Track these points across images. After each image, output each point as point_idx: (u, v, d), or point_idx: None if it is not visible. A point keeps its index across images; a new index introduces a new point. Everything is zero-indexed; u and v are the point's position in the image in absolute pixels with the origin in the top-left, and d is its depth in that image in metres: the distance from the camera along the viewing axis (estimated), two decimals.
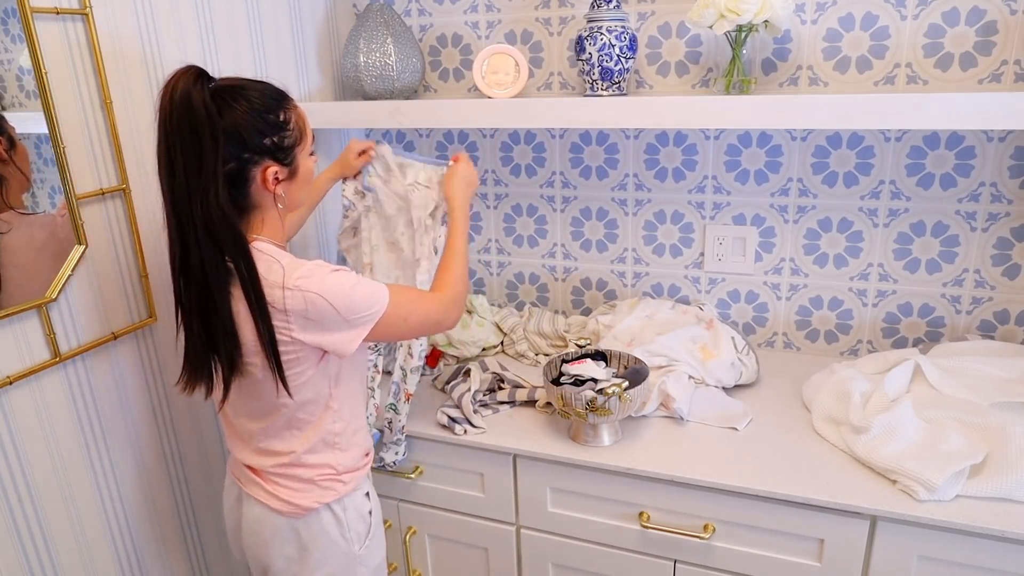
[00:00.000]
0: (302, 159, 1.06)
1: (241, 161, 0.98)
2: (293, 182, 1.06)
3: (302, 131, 1.06)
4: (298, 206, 1.12)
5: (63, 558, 1.22)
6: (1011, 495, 1.10)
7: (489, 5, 1.69)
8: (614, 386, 1.23)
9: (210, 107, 0.94)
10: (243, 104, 0.97)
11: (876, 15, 1.41)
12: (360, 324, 1.02)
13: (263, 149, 0.99)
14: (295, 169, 1.05)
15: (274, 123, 1.00)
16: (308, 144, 1.08)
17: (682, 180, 1.66)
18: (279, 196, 1.04)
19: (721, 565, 1.27)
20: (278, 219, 1.08)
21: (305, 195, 1.12)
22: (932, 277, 1.54)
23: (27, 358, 1.14)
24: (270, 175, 1.01)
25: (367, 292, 1.03)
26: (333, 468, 1.12)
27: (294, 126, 1.04)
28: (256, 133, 0.98)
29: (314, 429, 1.10)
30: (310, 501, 1.10)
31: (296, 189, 1.08)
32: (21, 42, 1.08)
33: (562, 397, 1.28)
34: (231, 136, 0.96)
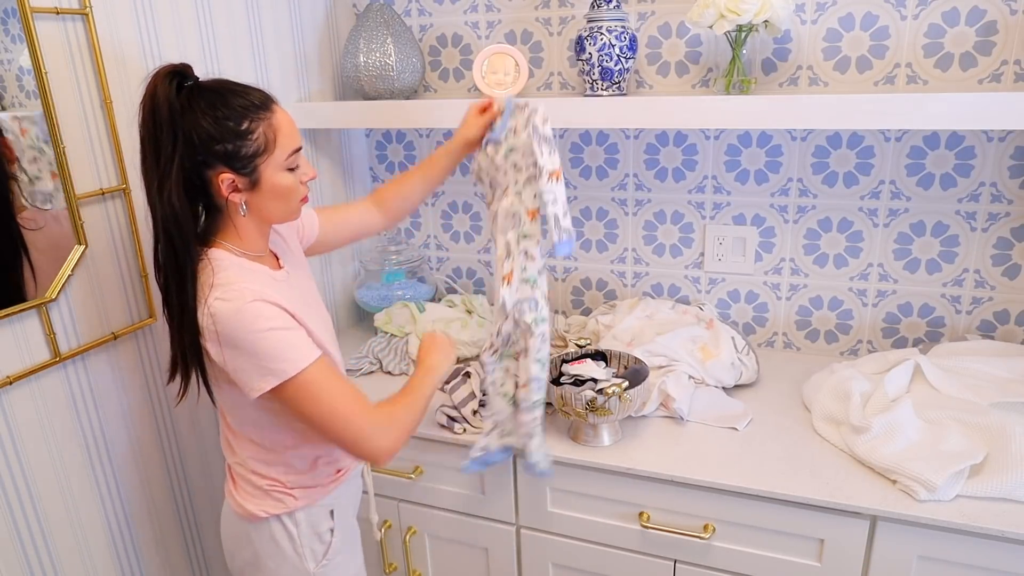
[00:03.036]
0: (268, 171, 1.00)
1: (195, 163, 0.96)
2: (257, 194, 1.01)
3: (270, 142, 0.99)
4: (275, 219, 1.06)
5: (63, 558, 1.22)
6: (1011, 495, 1.10)
7: (489, 5, 1.69)
8: (614, 386, 1.23)
9: (173, 105, 0.93)
10: (204, 107, 0.95)
11: (876, 15, 1.41)
12: (268, 373, 0.96)
13: (215, 155, 0.96)
14: (257, 181, 0.99)
15: (231, 130, 0.96)
16: (280, 157, 1.00)
17: (682, 180, 1.66)
18: (234, 205, 1.00)
19: (721, 565, 1.27)
20: (250, 228, 1.04)
21: (283, 210, 1.05)
22: (932, 277, 1.54)
23: (27, 358, 1.14)
24: (223, 182, 0.97)
25: (281, 343, 0.96)
26: (282, 482, 1.10)
27: (259, 136, 0.98)
28: (208, 138, 0.95)
29: (265, 442, 1.09)
30: (259, 509, 1.10)
31: (264, 200, 1.02)
32: (21, 42, 1.08)
33: (562, 397, 1.27)
34: (186, 137, 0.94)
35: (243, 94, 0.98)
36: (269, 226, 1.08)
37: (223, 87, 0.98)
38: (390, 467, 1.47)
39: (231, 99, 0.97)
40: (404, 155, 1.91)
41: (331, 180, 1.82)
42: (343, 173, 1.87)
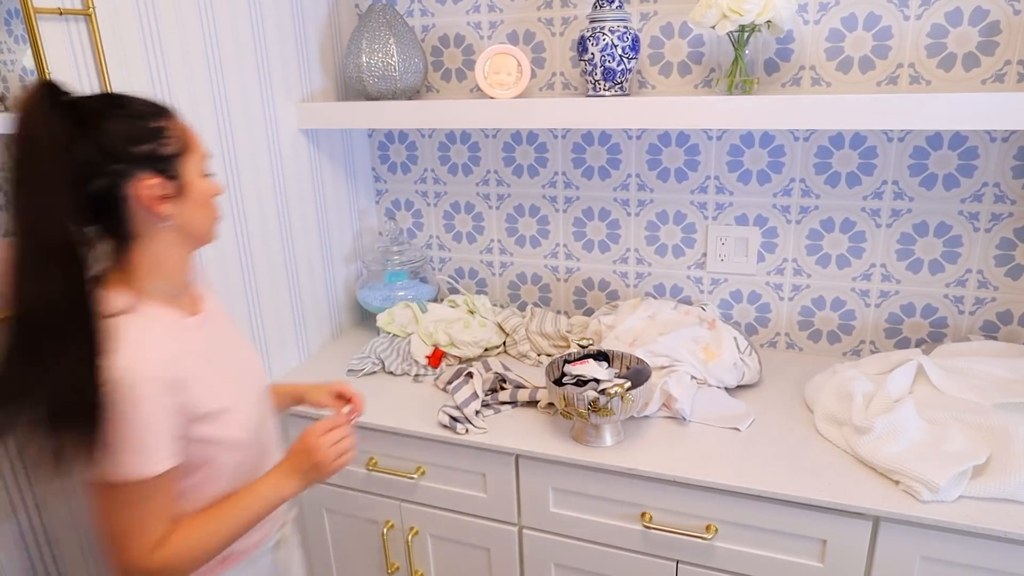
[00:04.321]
0: (191, 174, 0.90)
1: (104, 178, 0.82)
2: (184, 202, 0.89)
3: (187, 141, 0.91)
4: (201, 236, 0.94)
5: (65, 556, 1.22)
6: (1014, 496, 1.10)
7: (491, 5, 1.69)
8: (616, 386, 1.23)
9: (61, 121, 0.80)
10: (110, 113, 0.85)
11: (879, 15, 1.41)
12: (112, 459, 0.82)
13: (135, 159, 0.84)
14: (183, 185, 0.89)
15: (148, 129, 0.86)
16: (197, 158, 0.92)
17: (684, 180, 1.66)
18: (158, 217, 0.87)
19: (723, 566, 1.26)
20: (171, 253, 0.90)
21: (205, 223, 0.94)
22: (935, 277, 1.54)
23: None
24: (146, 190, 0.85)
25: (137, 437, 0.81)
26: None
27: (175, 134, 0.89)
28: (126, 140, 0.83)
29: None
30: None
31: (190, 210, 0.90)
32: (24, 43, 1.08)
33: (564, 397, 1.27)
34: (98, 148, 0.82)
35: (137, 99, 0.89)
36: (191, 249, 0.95)
37: (111, 95, 0.89)
38: (392, 467, 1.47)
39: (132, 102, 0.88)
40: (406, 155, 1.91)
41: (333, 180, 1.82)
42: (345, 173, 1.87)
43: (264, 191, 1.58)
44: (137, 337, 0.84)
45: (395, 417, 1.45)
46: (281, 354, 1.68)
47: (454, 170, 1.87)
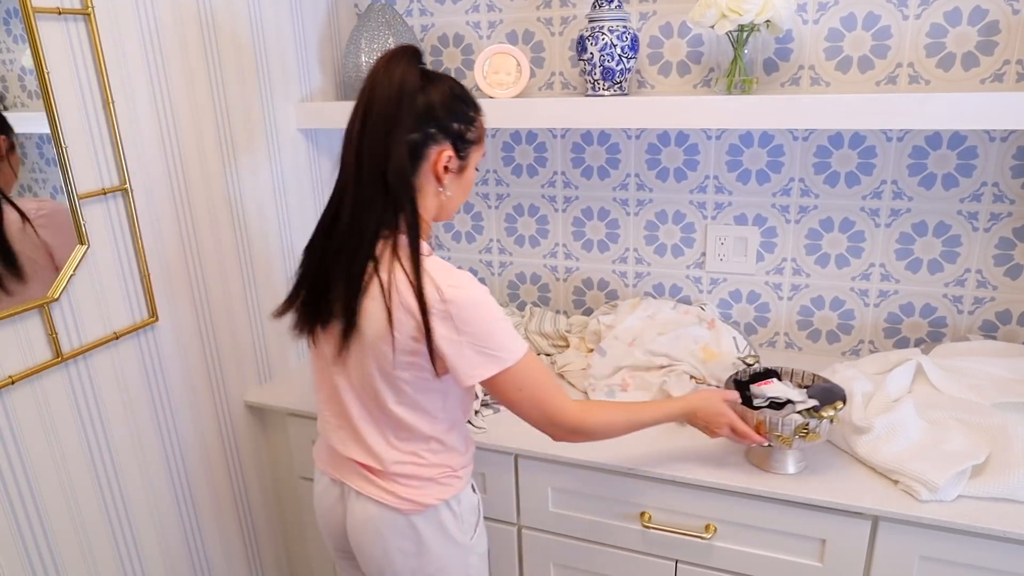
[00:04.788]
0: (473, 161, 1.09)
1: (426, 135, 1.00)
2: (458, 179, 1.07)
3: (481, 136, 1.09)
4: (450, 213, 1.11)
5: (65, 557, 1.23)
6: (1013, 495, 1.10)
7: (490, 5, 1.69)
8: (829, 408, 1.15)
9: (416, 81, 0.99)
10: (446, 87, 1.03)
11: (878, 15, 1.41)
12: (491, 361, 0.99)
13: (448, 131, 1.02)
14: (465, 166, 1.07)
15: (463, 114, 1.04)
16: (480, 153, 1.10)
17: (684, 180, 1.66)
18: (442, 184, 1.05)
19: (722, 565, 1.26)
20: (433, 212, 1.08)
21: (459, 205, 1.12)
22: (934, 277, 1.54)
23: (29, 358, 1.14)
24: (444, 158, 1.03)
25: (507, 333, 1.01)
26: (450, 467, 1.12)
27: (479, 127, 1.08)
28: (450, 113, 1.02)
29: (430, 431, 1.09)
30: (431, 498, 1.10)
31: (457, 189, 1.08)
32: (23, 42, 1.08)
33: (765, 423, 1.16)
34: (426, 108, 1.00)
35: (467, 90, 1.07)
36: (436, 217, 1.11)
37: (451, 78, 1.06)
38: None
39: (464, 89, 1.06)
40: None
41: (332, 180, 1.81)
42: None
43: (263, 190, 1.58)
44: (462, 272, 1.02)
45: None
46: (280, 353, 1.68)
47: None
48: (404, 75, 0.98)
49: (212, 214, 1.46)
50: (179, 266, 1.40)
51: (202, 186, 1.43)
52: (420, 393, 1.05)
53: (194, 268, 1.43)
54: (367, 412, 1.09)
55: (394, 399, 1.05)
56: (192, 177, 1.40)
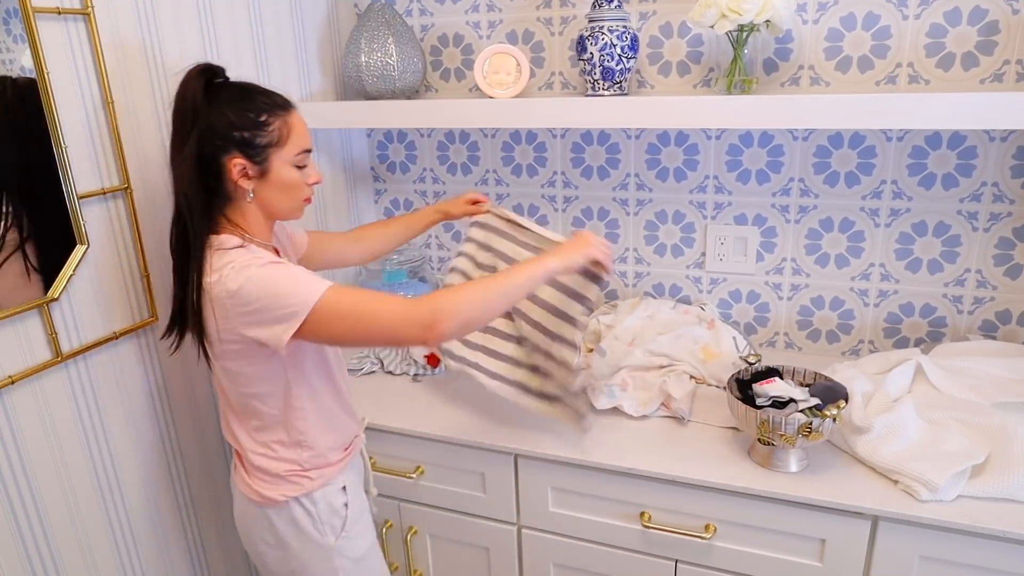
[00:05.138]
0: (277, 164, 1.08)
1: (212, 148, 1.04)
2: (265, 183, 1.09)
3: (283, 137, 1.08)
4: (279, 212, 1.13)
5: (65, 557, 1.22)
6: (1013, 495, 1.10)
7: (490, 5, 1.69)
8: (831, 407, 1.15)
9: (199, 97, 1.03)
10: (229, 100, 1.05)
11: (878, 15, 1.41)
12: (288, 318, 1.00)
13: (232, 140, 1.04)
14: (267, 169, 1.08)
15: (250, 120, 1.05)
16: (289, 152, 1.09)
17: (683, 180, 1.66)
18: (242, 190, 1.07)
19: (722, 565, 1.26)
20: (256, 217, 1.11)
21: (286, 204, 1.12)
22: (934, 277, 1.54)
23: (29, 357, 1.14)
24: (235, 167, 1.05)
25: (295, 283, 1.01)
26: (299, 464, 1.15)
27: (275, 130, 1.07)
28: (228, 125, 1.04)
29: (277, 425, 1.14)
30: (277, 494, 1.14)
31: (269, 191, 1.09)
32: (23, 42, 1.08)
33: (768, 422, 1.15)
34: (208, 124, 1.03)
35: (266, 94, 1.09)
36: (273, 220, 1.15)
37: (249, 86, 1.09)
38: (391, 467, 1.47)
39: (255, 96, 1.08)
40: (405, 155, 1.91)
41: (332, 180, 1.82)
42: (344, 173, 1.87)
43: None
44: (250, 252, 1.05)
45: (394, 416, 1.45)
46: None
47: (453, 170, 1.87)
48: (189, 93, 1.04)
49: None
50: None
51: None
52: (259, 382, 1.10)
53: None
54: (226, 399, 1.17)
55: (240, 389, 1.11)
56: None
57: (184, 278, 1.08)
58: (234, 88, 1.08)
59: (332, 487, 1.19)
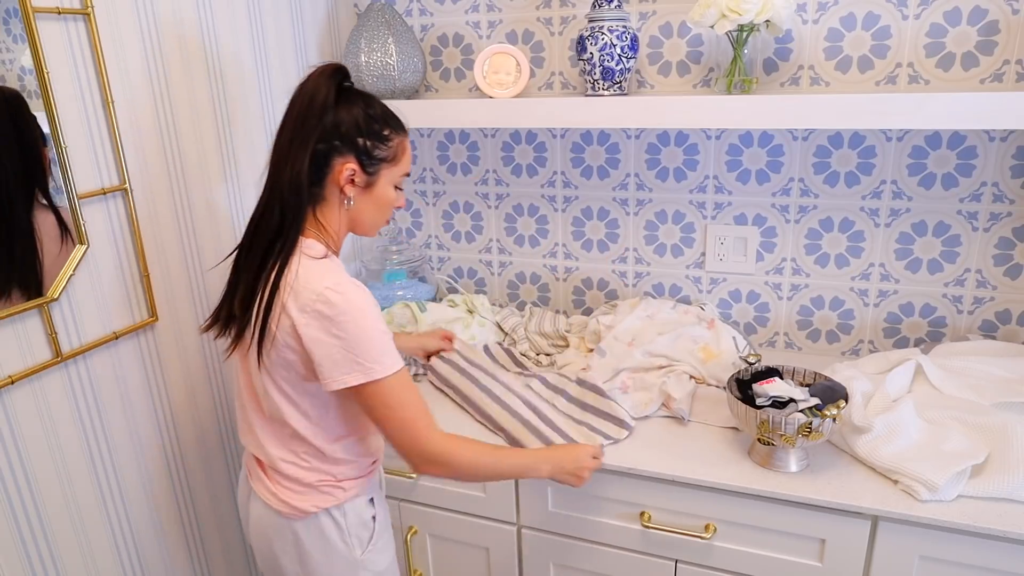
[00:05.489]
0: (384, 179, 1.10)
1: (330, 147, 1.04)
2: (367, 194, 1.09)
3: (397, 156, 1.11)
4: (363, 228, 1.14)
5: (65, 556, 1.23)
6: (1013, 495, 1.10)
7: (490, 5, 1.69)
8: (831, 407, 1.15)
9: (329, 96, 1.04)
10: (359, 105, 1.07)
11: (878, 15, 1.41)
12: (356, 369, 0.99)
13: (352, 144, 1.05)
14: (373, 182, 1.09)
15: (376, 132, 1.07)
16: (398, 172, 1.12)
17: (683, 180, 1.66)
18: (346, 196, 1.07)
19: (722, 565, 1.26)
20: (342, 225, 1.11)
21: (373, 221, 1.14)
22: (934, 277, 1.54)
23: (28, 357, 1.14)
24: (346, 170, 1.05)
25: (382, 347, 1.01)
26: (332, 476, 1.12)
27: (394, 147, 1.10)
28: (355, 128, 1.05)
29: (313, 435, 1.09)
30: (308, 505, 1.11)
31: (366, 204, 1.10)
32: (23, 42, 1.08)
33: (768, 422, 1.15)
34: (334, 123, 1.04)
35: (391, 111, 1.12)
36: (351, 231, 1.14)
37: (377, 99, 1.11)
38: (392, 467, 1.47)
39: (383, 109, 1.10)
40: None
41: None
42: None
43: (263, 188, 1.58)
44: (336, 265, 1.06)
45: None
46: None
47: (453, 169, 1.87)
48: (317, 88, 1.03)
49: (212, 214, 1.46)
50: (179, 266, 1.40)
51: (202, 186, 1.43)
52: (300, 395, 1.06)
53: (194, 268, 1.43)
54: (257, 405, 1.12)
55: (277, 396, 1.07)
56: (192, 177, 1.40)
57: (256, 274, 1.04)
58: (365, 96, 1.09)
59: (361, 499, 1.16)
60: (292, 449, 1.11)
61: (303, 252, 1.03)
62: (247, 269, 1.06)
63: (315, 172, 1.04)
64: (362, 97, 1.08)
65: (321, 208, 1.08)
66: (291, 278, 1.00)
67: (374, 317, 1.01)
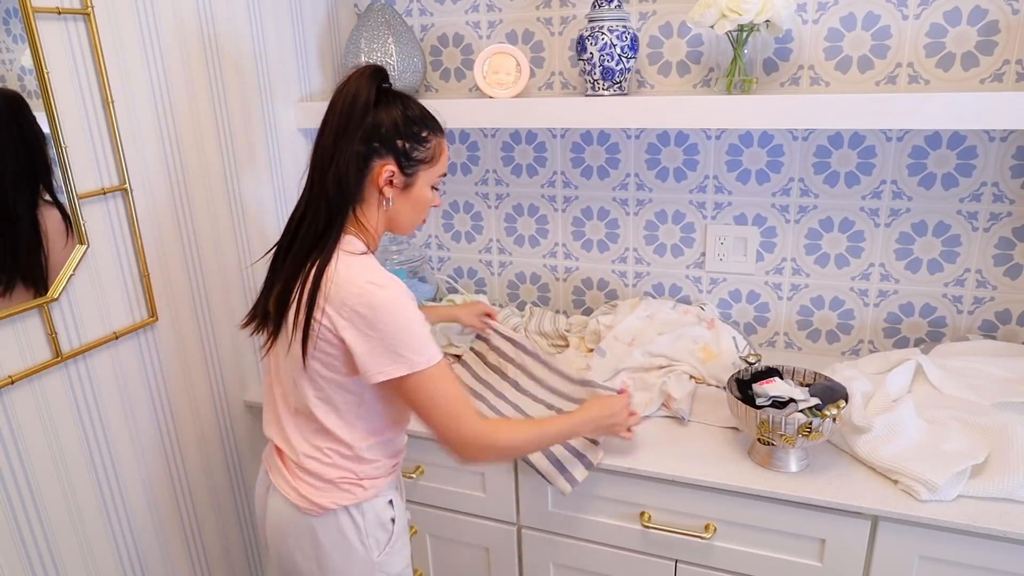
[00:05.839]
0: (422, 180, 1.11)
1: (370, 149, 1.05)
2: (404, 195, 1.10)
3: (435, 157, 1.12)
4: (401, 227, 1.15)
5: (65, 557, 1.23)
6: (1013, 495, 1.10)
7: (490, 5, 1.69)
8: (832, 407, 1.15)
9: (370, 98, 1.05)
10: (398, 107, 1.07)
11: (878, 15, 1.41)
12: (400, 361, 1.00)
13: (391, 146, 1.06)
14: (411, 183, 1.10)
15: (414, 134, 1.08)
16: (435, 173, 1.13)
17: (683, 180, 1.66)
18: (385, 197, 1.08)
19: (722, 565, 1.26)
20: (379, 224, 1.11)
21: (410, 220, 1.14)
22: (933, 277, 1.54)
23: (29, 357, 1.14)
24: (385, 172, 1.06)
25: (421, 337, 1.02)
26: (354, 473, 1.12)
27: (432, 148, 1.10)
28: (394, 130, 1.06)
29: (341, 431, 1.09)
30: (328, 501, 1.10)
31: (404, 204, 1.11)
32: (23, 42, 1.08)
33: (768, 422, 1.15)
34: (374, 124, 1.05)
35: (430, 112, 1.12)
36: (388, 230, 1.15)
37: (415, 100, 1.12)
38: None
39: (421, 111, 1.11)
40: None
41: None
42: None
43: (263, 189, 1.58)
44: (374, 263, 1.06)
45: None
46: None
47: (453, 169, 1.87)
48: (358, 90, 1.04)
49: (212, 213, 1.46)
50: (179, 266, 1.40)
51: (202, 185, 1.43)
52: (335, 390, 1.07)
53: (194, 268, 1.43)
54: (286, 399, 1.12)
55: (311, 392, 1.07)
56: (192, 176, 1.40)
57: (295, 270, 1.05)
58: (403, 97, 1.09)
59: (381, 499, 1.15)
60: (316, 444, 1.11)
61: (343, 249, 1.05)
62: (287, 267, 1.07)
63: (356, 173, 1.05)
64: (400, 98, 1.09)
65: (360, 207, 1.09)
66: (331, 274, 1.01)
67: (413, 310, 1.02)
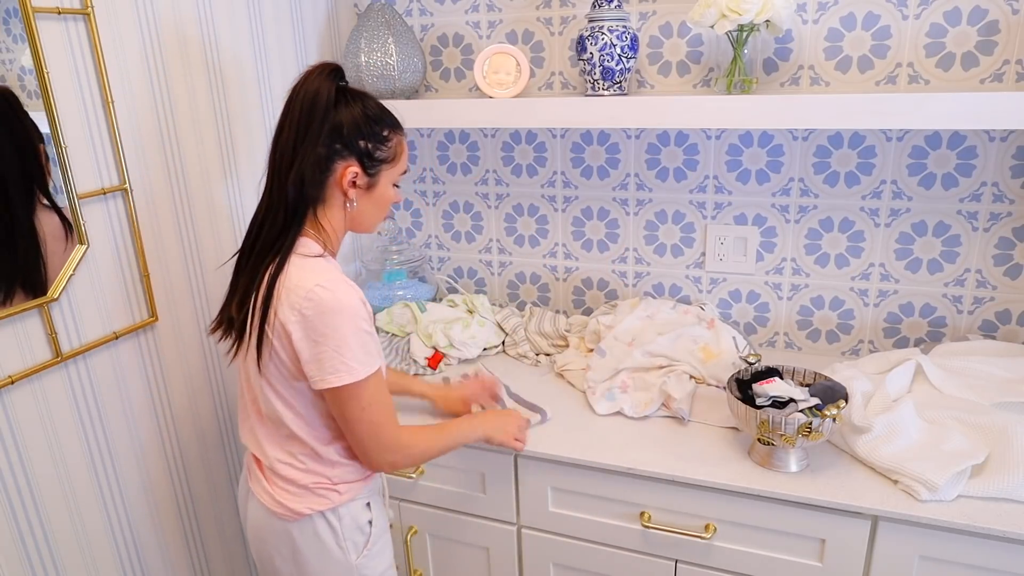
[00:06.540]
0: (385, 179, 1.11)
1: (332, 150, 1.04)
2: (368, 195, 1.11)
3: (397, 156, 1.12)
4: (363, 227, 1.15)
5: (65, 557, 1.23)
6: (1013, 495, 1.10)
7: (490, 5, 1.69)
8: (832, 407, 1.14)
9: (330, 97, 1.03)
10: (359, 106, 1.07)
11: (878, 15, 1.41)
12: (340, 369, 1.00)
13: (354, 148, 1.06)
14: (375, 183, 1.10)
15: (375, 133, 1.07)
16: (397, 171, 1.13)
17: (683, 180, 1.66)
18: (349, 199, 1.08)
19: (722, 565, 1.26)
20: (341, 225, 1.11)
21: (373, 220, 1.15)
22: (933, 277, 1.54)
23: (29, 357, 1.14)
24: (349, 173, 1.06)
25: (365, 346, 1.02)
26: (328, 478, 1.12)
27: (393, 147, 1.11)
28: (356, 131, 1.05)
29: (309, 436, 1.10)
30: (303, 507, 1.10)
31: (368, 204, 1.11)
32: (23, 42, 1.08)
33: (768, 422, 1.15)
34: (335, 125, 1.04)
35: (388, 111, 1.12)
36: (350, 231, 1.15)
37: (373, 99, 1.10)
38: None
39: (381, 108, 1.10)
40: None
41: None
42: None
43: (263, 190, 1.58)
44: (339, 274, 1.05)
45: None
46: None
47: (453, 169, 1.87)
48: (319, 89, 1.03)
49: (212, 213, 1.46)
50: (179, 266, 1.40)
51: (202, 185, 1.43)
52: (293, 395, 1.07)
53: (194, 268, 1.43)
54: (256, 405, 1.12)
55: (272, 396, 1.07)
56: (192, 177, 1.40)
57: (254, 274, 1.05)
58: (362, 96, 1.09)
59: (358, 503, 1.15)
60: (288, 450, 1.11)
61: (298, 252, 1.04)
62: (246, 271, 1.07)
63: (318, 175, 1.05)
64: (360, 97, 1.08)
65: (321, 209, 1.08)
66: (283, 278, 1.01)
67: (361, 317, 1.02)
